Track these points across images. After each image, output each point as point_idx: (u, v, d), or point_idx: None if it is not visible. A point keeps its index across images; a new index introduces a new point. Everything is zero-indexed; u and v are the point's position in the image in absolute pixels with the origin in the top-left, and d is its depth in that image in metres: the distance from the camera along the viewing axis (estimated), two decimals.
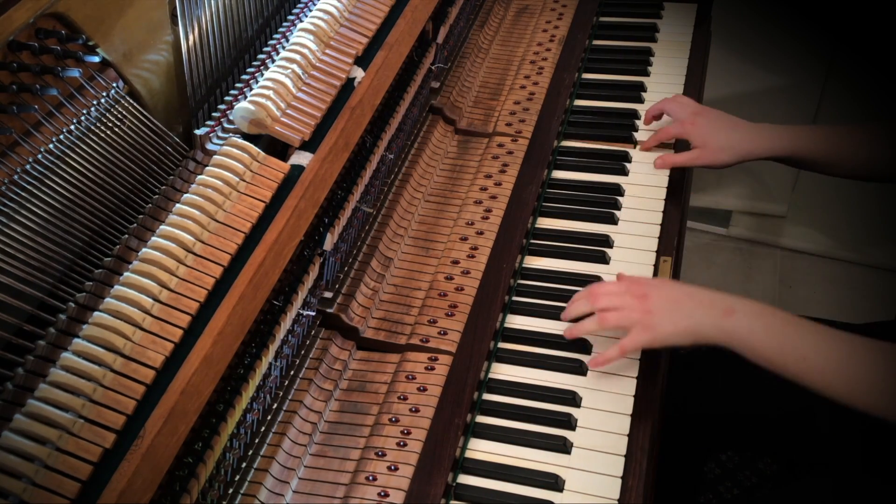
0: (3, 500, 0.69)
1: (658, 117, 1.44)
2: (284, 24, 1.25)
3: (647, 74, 1.58)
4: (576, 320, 1.13)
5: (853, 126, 1.29)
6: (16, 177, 0.83)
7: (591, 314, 1.11)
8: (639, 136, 1.47)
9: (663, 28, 1.69)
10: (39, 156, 0.86)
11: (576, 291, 1.21)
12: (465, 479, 1.01)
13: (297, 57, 1.09)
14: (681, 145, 1.41)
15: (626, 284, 1.10)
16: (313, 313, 1.09)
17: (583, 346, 1.14)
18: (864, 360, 0.98)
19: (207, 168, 0.95)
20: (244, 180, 0.96)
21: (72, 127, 0.90)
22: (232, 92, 1.14)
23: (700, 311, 1.04)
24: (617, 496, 0.98)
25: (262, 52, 1.18)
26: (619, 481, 0.99)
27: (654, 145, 1.42)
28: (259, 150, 0.99)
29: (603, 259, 1.26)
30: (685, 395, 1.35)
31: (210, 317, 0.84)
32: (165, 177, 1.03)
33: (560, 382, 1.11)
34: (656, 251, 1.27)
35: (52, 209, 0.86)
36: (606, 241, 1.29)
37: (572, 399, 1.08)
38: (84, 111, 0.92)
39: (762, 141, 1.30)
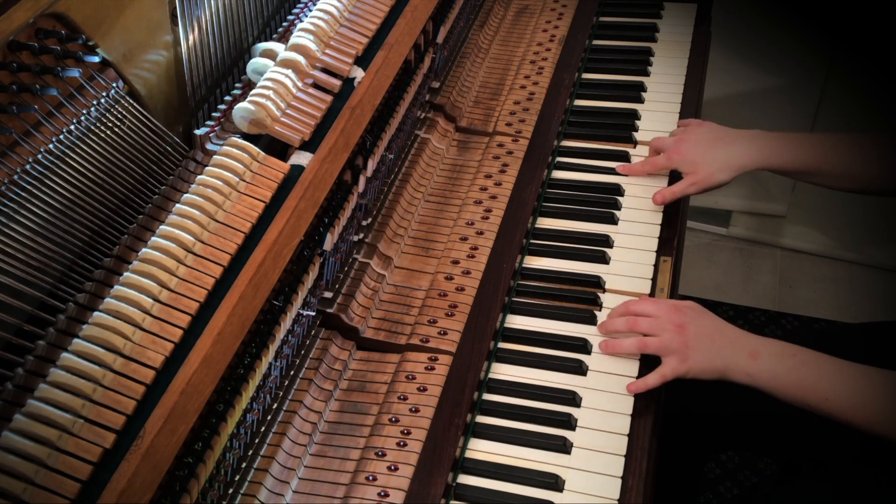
0: (3, 500, 0.69)
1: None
2: (284, 23, 1.25)
3: (647, 74, 1.58)
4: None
5: (847, 135, 1.28)
6: (16, 177, 0.83)
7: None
8: (639, 136, 1.47)
9: (663, 28, 1.69)
10: (39, 156, 0.86)
11: (576, 291, 1.21)
12: (465, 479, 1.01)
13: (297, 57, 1.09)
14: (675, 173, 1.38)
15: (665, 310, 1.11)
16: (313, 313, 1.09)
17: (583, 346, 1.14)
18: (888, 395, 1.01)
19: (207, 168, 0.95)
20: (244, 180, 0.96)
21: (72, 127, 0.90)
22: (232, 92, 1.14)
23: (728, 351, 1.07)
24: (617, 496, 0.98)
25: None
26: (619, 481, 0.99)
27: (637, 174, 1.38)
28: (259, 149, 0.99)
29: (603, 259, 1.26)
30: (685, 394, 1.35)
31: (210, 317, 0.84)
32: (165, 177, 1.03)
33: (560, 382, 1.11)
34: (656, 251, 1.27)
35: (52, 209, 0.86)
36: (606, 241, 1.29)
37: (572, 399, 1.08)
38: (84, 111, 0.92)
39: (752, 153, 1.28)
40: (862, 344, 1.34)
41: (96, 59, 0.94)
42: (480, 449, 1.04)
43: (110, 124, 0.95)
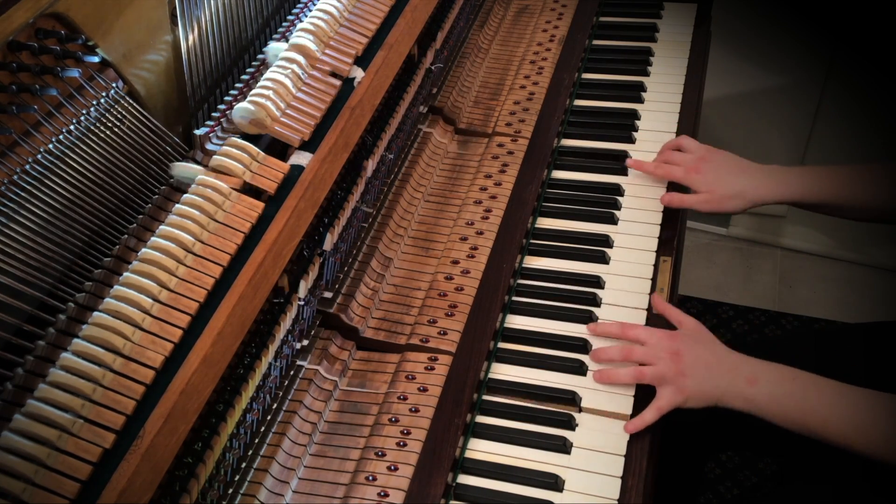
0: (3, 501, 0.69)
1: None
2: (284, 23, 1.25)
3: (647, 74, 1.58)
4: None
5: (865, 166, 1.27)
6: (16, 177, 0.83)
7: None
8: (639, 136, 1.47)
9: (663, 28, 1.69)
10: (39, 156, 0.86)
11: (576, 291, 1.21)
12: (465, 479, 1.01)
13: (297, 57, 1.09)
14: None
15: (659, 337, 1.10)
16: (313, 313, 1.09)
17: (583, 346, 1.14)
18: (886, 419, 1.00)
19: (207, 168, 0.95)
20: (244, 180, 0.96)
21: (71, 127, 0.90)
22: (232, 92, 1.14)
23: (726, 378, 1.06)
24: (617, 496, 0.98)
25: (262, 52, 1.18)
26: (619, 481, 1.00)
27: (646, 172, 1.36)
28: (259, 149, 0.99)
29: (603, 259, 1.26)
30: None
31: (210, 317, 0.84)
32: (165, 177, 1.03)
33: (560, 382, 1.11)
34: (656, 251, 1.27)
35: (52, 209, 0.86)
36: (606, 241, 1.29)
37: (572, 399, 1.08)
38: (84, 111, 0.92)
39: (770, 186, 1.27)
40: (862, 344, 1.34)
41: (96, 59, 0.94)
42: (480, 449, 1.04)
43: (110, 124, 0.95)
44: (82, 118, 0.91)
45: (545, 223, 1.33)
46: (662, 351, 1.08)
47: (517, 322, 1.19)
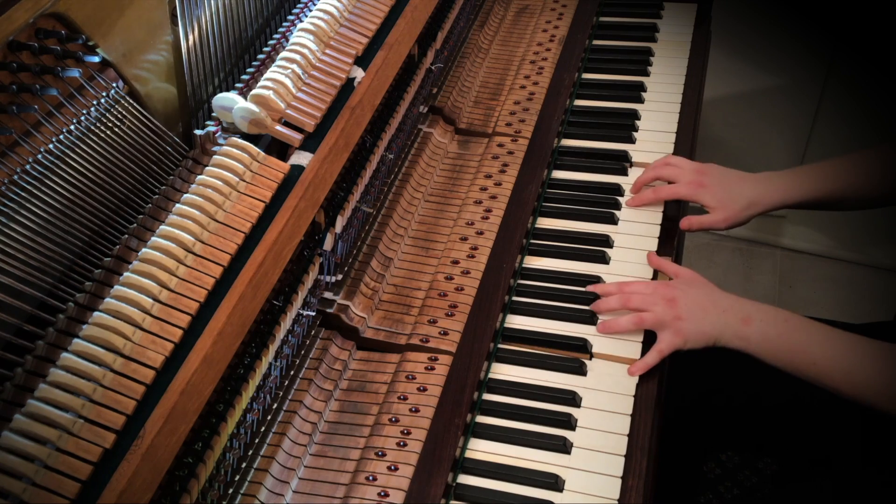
0: (3, 501, 0.69)
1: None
2: (284, 24, 1.25)
3: (647, 74, 1.58)
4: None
5: (858, 154, 1.28)
6: (16, 177, 0.83)
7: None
8: (639, 135, 1.47)
9: (663, 28, 1.69)
10: (39, 156, 0.86)
11: (576, 291, 1.21)
12: (465, 479, 1.01)
13: (297, 57, 1.09)
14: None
15: (654, 286, 1.15)
16: (313, 313, 1.09)
17: (583, 346, 1.14)
18: (871, 363, 1.04)
19: (207, 168, 0.95)
20: (244, 180, 0.96)
21: (72, 127, 0.90)
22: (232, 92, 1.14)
23: (723, 319, 1.10)
24: (617, 496, 0.98)
25: (262, 52, 1.18)
26: (619, 481, 0.99)
27: (649, 203, 1.33)
28: (259, 149, 0.99)
29: (603, 259, 1.26)
30: (685, 395, 1.35)
31: (210, 317, 0.84)
32: (165, 177, 1.03)
33: (560, 382, 1.11)
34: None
35: (52, 209, 0.86)
36: (606, 241, 1.29)
37: (572, 399, 1.08)
38: (84, 111, 0.92)
39: (774, 192, 1.28)
40: None
41: (96, 59, 0.94)
42: (480, 449, 1.04)
43: (110, 124, 0.95)
44: (82, 118, 0.91)
45: (545, 223, 1.33)
46: (659, 298, 1.12)
47: (517, 322, 1.19)
